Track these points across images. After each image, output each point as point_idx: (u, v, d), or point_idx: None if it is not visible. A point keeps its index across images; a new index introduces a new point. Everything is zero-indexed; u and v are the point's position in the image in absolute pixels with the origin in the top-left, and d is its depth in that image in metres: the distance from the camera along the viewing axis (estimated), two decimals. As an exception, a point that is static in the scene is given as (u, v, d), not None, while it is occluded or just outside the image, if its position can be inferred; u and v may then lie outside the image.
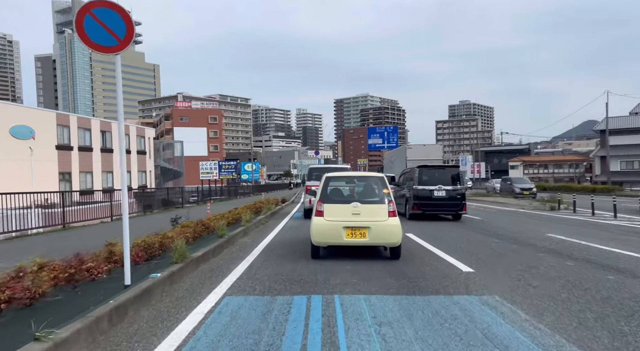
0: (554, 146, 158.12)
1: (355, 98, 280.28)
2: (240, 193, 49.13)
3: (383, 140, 54.69)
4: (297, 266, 7.46)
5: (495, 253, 8.91)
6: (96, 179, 36.25)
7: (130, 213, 21.42)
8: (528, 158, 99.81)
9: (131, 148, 41.83)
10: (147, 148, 44.96)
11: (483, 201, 29.00)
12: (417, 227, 14.02)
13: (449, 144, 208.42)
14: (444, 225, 14.76)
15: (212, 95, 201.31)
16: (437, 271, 7.05)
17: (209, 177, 68.96)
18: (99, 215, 16.44)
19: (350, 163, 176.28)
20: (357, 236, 7.95)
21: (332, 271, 7.09)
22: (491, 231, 12.75)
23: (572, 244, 10.03)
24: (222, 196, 42.72)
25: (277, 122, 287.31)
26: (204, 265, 7.60)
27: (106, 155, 37.81)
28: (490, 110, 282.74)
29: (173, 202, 27.79)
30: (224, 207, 21.41)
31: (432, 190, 16.13)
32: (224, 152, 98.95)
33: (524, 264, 7.65)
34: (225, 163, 73.07)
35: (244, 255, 8.73)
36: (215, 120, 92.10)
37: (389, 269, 7.30)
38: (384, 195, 8.34)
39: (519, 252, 9.15)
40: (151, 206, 24.08)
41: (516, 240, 10.86)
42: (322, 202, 8.34)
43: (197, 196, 36.18)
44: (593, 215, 17.63)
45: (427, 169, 16.84)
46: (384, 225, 8.00)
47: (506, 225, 14.50)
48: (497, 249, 9.46)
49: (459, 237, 11.53)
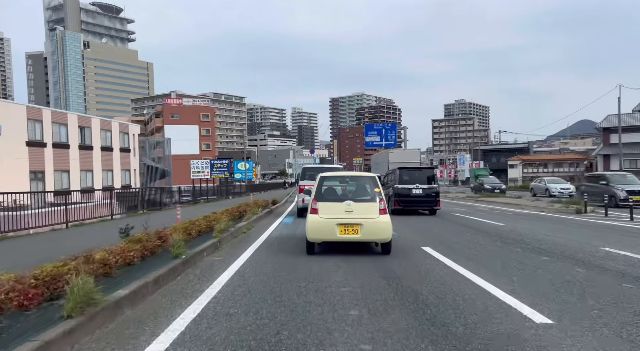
0: (549, 145, 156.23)
1: (351, 97, 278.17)
2: (233, 193, 47.11)
3: (381, 137, 52.14)
4: (288, 316, 4.65)
5: (565, 288, 5.87)
6: (74, 178, 33.50)
7: (114, 214, 18.96)
8: (527, 157, 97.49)
9: (113, 145, 39.11)
10: (132, 145, 42.23)
11: (493, 202, 26.47)
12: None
13: (446, 143, 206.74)
14: (474, 243, 12.03)
15: (206, 94, 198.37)
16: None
17: (200, 176, 66.11)
18: (51, 221, 13.78)
19: (346, 162, 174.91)
20: (350, 232, 8.30)
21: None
22: (529, 244, 10.12)
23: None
24: (214, 196, 40.45)
25: (272, 121, 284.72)
26: (130, 311, 4.86)
27: (85, 153, 35.08)
28: (486, 109, 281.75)
29: (159, 202, 25.60)
30: (206, 209, 18.83)
31: (411, 189, 18.14)
32: (217, 151, 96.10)
33: (625, 307, 5.03)
34: (217, 162, 70.22)
35: (202, 287, 6.04)
36: (207, 117, 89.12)
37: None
38: (376, 194, 8.73)
39: (593, 280, 6.30)
40: (136, 207, 22.14)
41: (570, 258, 8.22)
42: (316, 200, 8.68)
43: (189, 196, 34.67)
44: (632, 220, 15.09)
45: (407, 170, 18.84)
46: (375, 222, 8.35)
47: (540, 234, 11.91)
48: (560, 278, 6.50)
49: (494, 255, 8.91)
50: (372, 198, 8.71)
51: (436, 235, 12.09)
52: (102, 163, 37.12)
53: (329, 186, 9.45)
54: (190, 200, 33.36)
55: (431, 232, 12.58)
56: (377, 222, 8.38)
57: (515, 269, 7.19)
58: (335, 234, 8.33)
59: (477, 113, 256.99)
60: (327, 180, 9.38)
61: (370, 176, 9.55)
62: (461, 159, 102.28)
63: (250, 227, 13.19)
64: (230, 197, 42.64)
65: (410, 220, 15.91)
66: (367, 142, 53.64)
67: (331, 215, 8.45)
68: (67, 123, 32.94)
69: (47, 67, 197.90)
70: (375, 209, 8.50)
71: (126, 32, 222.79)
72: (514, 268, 7.30)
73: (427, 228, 13.61)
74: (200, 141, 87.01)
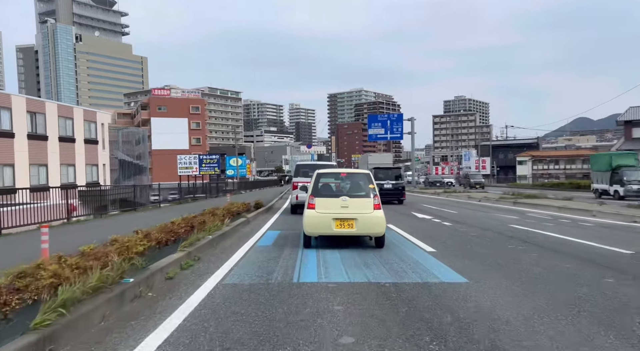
0: (550, 142, 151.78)
1: (350, 93, 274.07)
2: (224, 190, 43.68)
3: (385, 130, 46.31)
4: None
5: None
6: (20, 174, 27.78)
7: (75, 217, 15.21)
8: (537, 153, 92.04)
9: (76, 135, 33.37)
10: (100, 136, 36.48)
11: (542, 206, 20.75)
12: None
13: (446, 139, 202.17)
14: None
15: (201, 88, 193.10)
16: None
17: (188, 172, 60.58)
18: None
19: (344, 158, 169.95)
20: (345, 227, 8.66)
21: None
22: None
23: None
24: (203, 194, 36.16)
25: (269, 117, 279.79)
26: None
27: (37, 143, 29.36)
28: (486, 105, 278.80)
29: (135, 202, 22.43)
30: (169, 214, 14.29)
31: (383, 184, 22.72)
32: (208, 146, 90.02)
33: None
34: (207, 157, 64.56)
35: None
36: (197, 110, 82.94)
37: None
38: (370, 190, 9.11)
39: None
40: (105, 207, 19.21)
41: None
42: (313, 196, 9.01)
43: (176, 194, 32.32)
44: None
45: (380, 169, 24.37)
46: (369, 216, 8.71)
47: None
48: None
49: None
50: (367, 194, 9.04)
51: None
52: (61, 156, 31.42)
53: (325, 182, 9.68)
54: (177, 199, 30.64)
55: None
56: (372, 217, 8.71)
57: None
58: (332, 228, 8.65)
59: (477, 110, 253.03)
60: (324, 177, 9.63)
61: (364, 173, 9.82)
62: (466, 155, 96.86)
63: (191, 262, 7.37)
64: (220, 194, 38.86)
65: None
66: (370, 135, 47.72)
67: (327, 210, 8.76)
68: (10, 107, 27.16)
69: (39, 61, 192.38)
70: (369, 204, 8.85)
71: (120, 25, 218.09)
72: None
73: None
74: (189, 135, 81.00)
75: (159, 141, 76.73)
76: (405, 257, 7.88)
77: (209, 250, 8.59)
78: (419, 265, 7.14)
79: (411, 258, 7.78)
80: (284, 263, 7.43)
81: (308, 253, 8.39)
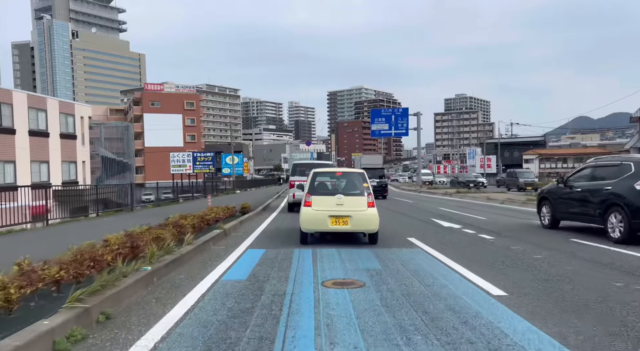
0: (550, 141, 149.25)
1: (350, 91, 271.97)
2: (219, 189, 41.85)
3: (390, 125, 42.89)
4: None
5: None
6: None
7: (50, 219, 13.56)
8: (545, 151, 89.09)
9: (50, 129, 30.12)
10: (79, 131, 33.20)
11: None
12: None
13: (448, 138, 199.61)
14: None
15: (199, 85, 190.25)
16: None
17: (181, 171, 57.38)
18: None
19: (344, 157, 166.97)
20: (340, 224, 8.91)
21: None
22: None
23: None
24: (198, 193, 33.73)
25: (268, 115, 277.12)
26: None
27: (2, 137, 26.14)
28: (487, 104, 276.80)
29: (119, 202, 21.30)
30: (146, 218, 11.22)
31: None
32: (203, 143, 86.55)
33: None
34: (201, 154, 61.28)
35: None
36: (192, 105, 79.22)
37: None
38: (364, 189, 9.37)
39: None
40: (86, 209, 17.71)
41: None
42: (310, 194, 9.27)
43: (170, 193, 31.66)
44: None
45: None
46: (363, 214, 8.97)
47: None
48: None
49: None
50: (361, 193, 9.32)
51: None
52: (32, 152, 28.18)
53: (321, 181, 9.92)
54: (171, 199, 29.56)
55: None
56: (365, 214, 8.97)
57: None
58: (327, 225, 8.92)
59: (478, 108, 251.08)
60: (320, 176, 9.87)
61: (359, 172, 10.11)
62: (471, 153, 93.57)
63: (80, 335, 3.91)
64: (216, 193, 36.89)
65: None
66: (373, 131, 44.28)
67: (323, 207, 9.01)
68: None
69: (34, 58, 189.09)
70: (363, 202, 9.09)
71: (117, 22, 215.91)
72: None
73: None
74: (184, 132, 77.41)
75: (153, 138, 73.29)
76: (464, 314, 4.57)
77: (138, 295, 5.31)
78: (507, 339, 3.89)
79: (477, 317, 4.46)
80: (259, 322, 4.24)
81: (302, 298, 5.18)
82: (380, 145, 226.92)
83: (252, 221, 14.27)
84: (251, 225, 13.19)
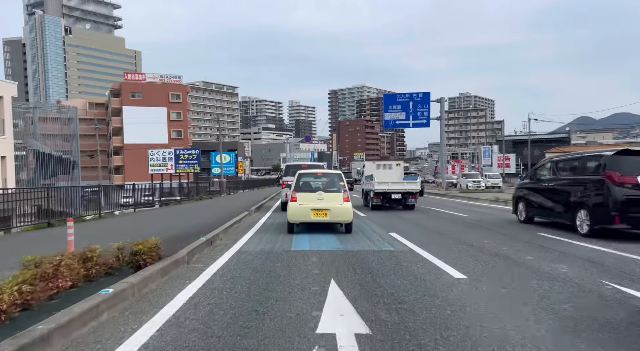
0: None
1: (351, 89, 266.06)
2: (208, 192, 38.98)
3: (407, 114, 34.85)
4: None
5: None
6: None
7: None
8: (570, 149, 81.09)
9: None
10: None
11: None
12: None
13: (455, 136, 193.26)
14: None
15: (195, 82, 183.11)
16: None
17: (162, 170, 49.47)
18: None
19: (347, 156, 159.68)
20: (321, 216, 10.92)
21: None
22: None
23: None
24: (183, 196, 31.19)
25: (268, 115, 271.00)
26: None
27: None
28: (492, 102, 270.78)
29: (59, 212, 16.21)
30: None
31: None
32: (191, 139, 78.50)
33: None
34: (185, 152, 53.23)
35: None
36: (178, 98, 71.05)
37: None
38: (341, 187, 11.45)
39: None
40: (7, 220, 13.21)
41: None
42: (296, 191, 11.25)
43: (150, 195, 30.38)
44: None
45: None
46: (340, 207, 10.98)
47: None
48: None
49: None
50: (338, 190, 11.37)
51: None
52: None
53: (306, 181, 11.91)
54: (152, 202, 27.89)
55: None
56: (342, 208, 10.98)
57: None
58: (310, 217, 10.93)
59: (483, 107, 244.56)
60: (304, 177, 11.96)
61: (337, 173, 12.44)
62: (487, 151, 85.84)
63: None
64: (195, 196, 33.12)
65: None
66: (386, 121, 35.99)
67: (307, 202, 10.99)
68: None
69: (26, 54, 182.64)
70: (340, 198, 11.12)
71: (112, 18, 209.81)
72: None
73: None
74: (169, 127, 69.56)
75: (133, 133, 65.68)
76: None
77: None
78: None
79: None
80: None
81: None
82: (384, 144, 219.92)
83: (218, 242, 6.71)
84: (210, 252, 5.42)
